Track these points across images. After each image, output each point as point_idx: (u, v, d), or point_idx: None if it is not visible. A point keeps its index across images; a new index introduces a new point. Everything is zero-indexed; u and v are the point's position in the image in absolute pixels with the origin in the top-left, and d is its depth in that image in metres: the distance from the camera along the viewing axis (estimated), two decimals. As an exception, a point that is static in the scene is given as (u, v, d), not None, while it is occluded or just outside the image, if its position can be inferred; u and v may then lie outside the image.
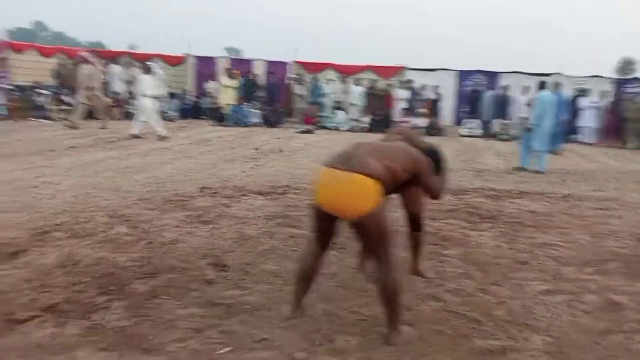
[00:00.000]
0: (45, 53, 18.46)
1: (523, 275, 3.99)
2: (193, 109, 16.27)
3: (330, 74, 17.72)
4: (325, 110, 16.42)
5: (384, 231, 2.70)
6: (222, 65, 18.31)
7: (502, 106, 15.85)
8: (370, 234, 2.69)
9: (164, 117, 15.29)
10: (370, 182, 2.62)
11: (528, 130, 9.61)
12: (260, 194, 6.24)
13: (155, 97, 11.50)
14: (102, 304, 3.08)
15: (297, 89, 16.71)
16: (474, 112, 16.68)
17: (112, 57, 19.11)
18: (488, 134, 15.59)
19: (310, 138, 12.83)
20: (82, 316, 2.92)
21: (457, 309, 3.29)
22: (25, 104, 13.70)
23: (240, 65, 18.50)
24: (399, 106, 16.16)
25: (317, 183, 2.75)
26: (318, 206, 2.76)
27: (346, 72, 18.33)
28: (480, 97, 16.62)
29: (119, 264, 3.73)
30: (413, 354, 2.73)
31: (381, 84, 17.30)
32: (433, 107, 16.26)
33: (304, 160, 9.17)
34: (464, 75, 18.01)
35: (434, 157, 3.16)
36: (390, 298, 2.77)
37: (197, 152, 9.59)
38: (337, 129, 15.69)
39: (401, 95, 16.28)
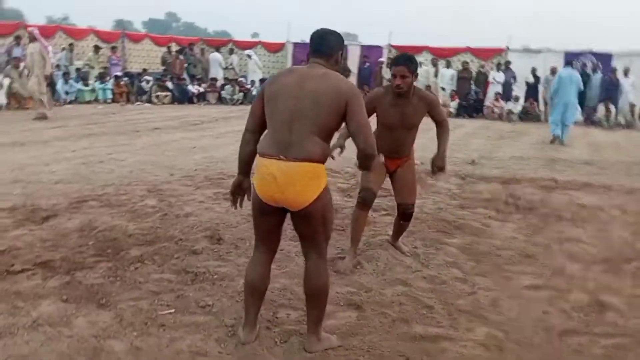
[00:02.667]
0: (159, 42, 20.09)
1: (519, 269, 3.81)
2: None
3: (421, 57, 17.26)
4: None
5: (327, 218, 2.50)
6: (317, 50, 18.67)
7: (610, 91, 14.50)
8: (316, 221, 2.46)
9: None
10: (315, 168, 2.40)
11: None
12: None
13: None
14: (90, 264, 3.49)
15: (386, 73, 16.56)
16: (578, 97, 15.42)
17: (216, 45, 20.35)
18: (591, 121, 14.36)
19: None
20: (67, 272, 3.33)
21: (418, 295, 3.26)
22: (131, 89, 15.10)
23: (335, 51, 18.72)
24: (492, 90, 15.43)
25: (259, 176, 2.45)
26: (262, 201, 2.47)
27: (443, 54, 17.71)
28: (588, 80, 15.30)
29: (127, 231, 4.14)
30: (342, 332, 2.78)
31: (475, 66, 16.58)
32: (531, 91, 15.28)
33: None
34: (571, 56, 16.63)
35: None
36: (321, 298, 2.57)
37: (266, 135, 10.01)
38: (424, 114, 15.37)
39: (497, 78, 15.50)
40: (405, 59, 3.53)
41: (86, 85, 14.45)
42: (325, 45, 2.53)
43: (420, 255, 3.95)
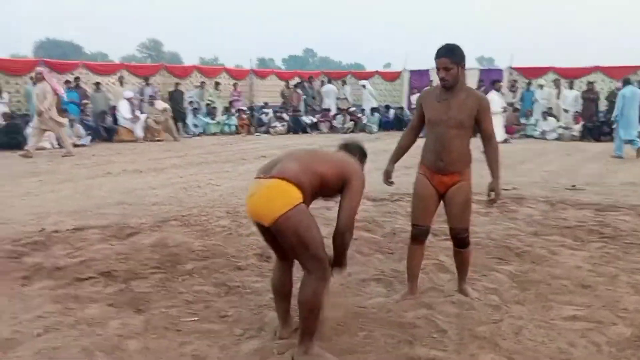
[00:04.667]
0: (283, 77, 21.40)
1: (567, 299, 3.54)
2: (396, 121, 16.92)
3: (544, 79, 16.35)
4: (532, 117, 15.29)
5: (303, 237, 2.55)
6: (433, 77, 18.57)
7: None
8: (289, 239, 2.58)
9: (365, 130, 16.36)
10: (284, 185, 2.56)
11: None
12: (374, 200, 6.53)
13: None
14: (146, 275, 3.93)
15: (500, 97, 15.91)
16: None
17: (336, 78, 21.15)
18: None
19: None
20: (125, 281, 3.80)
21: (437, 319, 3.20)
22: (252, 121, 16.27)
23: (453, 76, 18.43)
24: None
25: (248, 195, 2.73)
26: (250, 218, 2.76)
27: (570, 75, 16.61)
28: None
29: (191, 247, 4.57)
30: (343, 349, 2.84)
31: (607, 86, 15.28)
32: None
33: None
34: None
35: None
36: (305, 311, 2.63)
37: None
38: (544, 137, 14.47)
39: (628, 98, 14.10)
40: (445, 50, 3.28)
41: (213, 119, 15.85)
42: (350, 145, 3.19)
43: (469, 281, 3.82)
